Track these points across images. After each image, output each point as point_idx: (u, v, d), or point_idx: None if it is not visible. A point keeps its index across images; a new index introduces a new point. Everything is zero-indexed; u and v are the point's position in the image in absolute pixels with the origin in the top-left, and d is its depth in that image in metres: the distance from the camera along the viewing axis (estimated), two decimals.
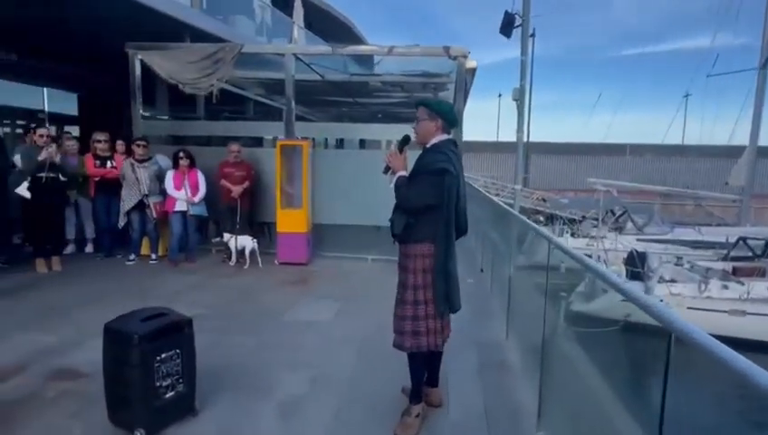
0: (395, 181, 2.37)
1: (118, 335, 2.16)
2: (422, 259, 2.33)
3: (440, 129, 2.39)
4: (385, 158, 2.46)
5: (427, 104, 2.42)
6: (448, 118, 2.41)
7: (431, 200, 2.26)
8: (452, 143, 2.43)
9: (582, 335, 3.66)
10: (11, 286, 4.60)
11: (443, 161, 2.27)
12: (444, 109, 2.42)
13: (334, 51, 5.90)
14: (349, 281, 5.32)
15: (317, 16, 17.05)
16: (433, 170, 2.26)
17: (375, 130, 7.88)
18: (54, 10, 6.52)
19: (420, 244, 2.33)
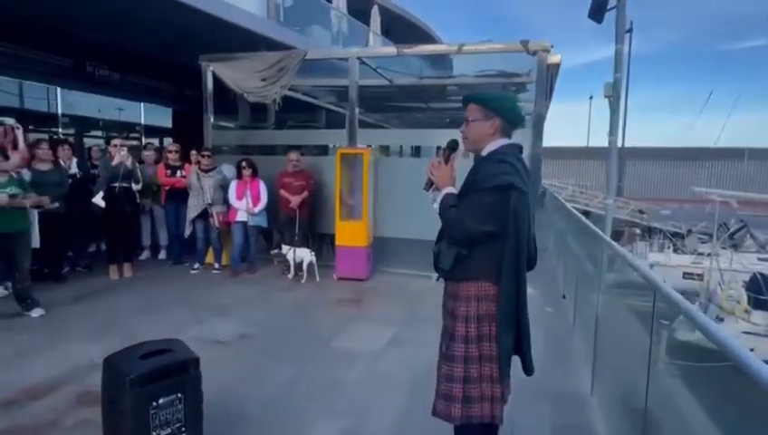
0: (440, 201, 1.83)
1: (113, 374, 1.89)
2: (478, 303, 1.78)
3: (498, 131, 1.82)
4: (427, 169, 1.92)
5: (480, 100, 1.85)
6: (510, 116, 1.84)
7: (492, 226, 1.71)
8: (517, 149, 1.87)
9: (697, 377, 2.85)
10: (81, 293, 4.77)
11: (507, 173, 1.71)
12: (505, 105, 1.84)
13: (399, 52, 5.49)
14: (408, 302, 4.83)
15: (394, 23, 16.92)
16: (495, 186, 1.70)
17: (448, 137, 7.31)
18: (148, 31, 7.01)
19: (476, 282, 1.78)
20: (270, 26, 8.29)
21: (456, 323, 1.81)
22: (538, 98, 5.26)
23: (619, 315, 2.94)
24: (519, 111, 1.89)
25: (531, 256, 1.87)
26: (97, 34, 7.75)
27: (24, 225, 3.99)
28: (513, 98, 1.94)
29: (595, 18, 5.27)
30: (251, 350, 3.49)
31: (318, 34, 11.56)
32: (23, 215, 3.98)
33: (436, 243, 1.91)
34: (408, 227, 5.79)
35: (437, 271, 1.90)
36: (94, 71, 8.83)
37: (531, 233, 1.84)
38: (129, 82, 9.58)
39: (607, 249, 3.05)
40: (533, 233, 1.88)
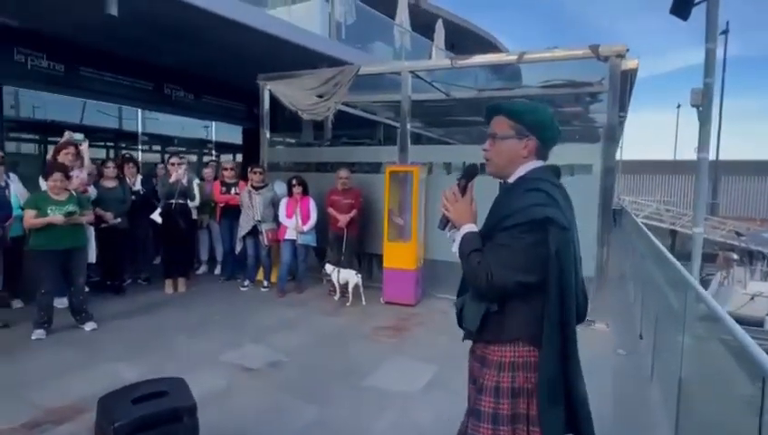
0: (459, 242, 1.46)
1: (102, 419, 1.75)
2: (513, 373, 1.39)
3: (533, 153, 1.46)
4: (440, 202, 1.56)
5: (513, 112, 1.47)
6: (548, 136, 1.47)
7: (529, 276, 1.33)
8: (553, 173, 1.50)
9: None
10: (135, 306, 4.91)
11: (542, 205, 1.34)
12: (543, 120, 1.46)
13: (454, 63, 5.16)
14: (456, 335, 4.36)
15: (459, 36, 16.60)
16: (528, 223, 1.32)
17: None
18: (217, 54, 7.39)
19: (512, 345, 1.40)
20: (331, 45, 8.38)
21: (484, 397, 1.42)
22: (611, 107, 4.67)
23: (712, 365, 2.37)
24: (558, 129, 1.50)
25: (579, 306, 1.47)
26: (174, 61, 8.30)
27: (80, 241, 4.16)
28: (550, 112, 1.51)
29: (679, 14, 4.58)
30: (277, 382, 3.29)
31: (380, 51, 11.57)
32: (80, 231, 4.15)
33: (458, 295, 1.55)
34: None
35: (461, 328, 1.54)
36: (171, 93, 9.48)
37: (578, 277, 1.46)
38: (203, 102, 10.17)
39: (690, 291, 2.49)
40: (581, 277, 1.50)
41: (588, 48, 4.54)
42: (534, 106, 1.50)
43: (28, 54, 7.14)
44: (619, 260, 8.66)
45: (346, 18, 10.35)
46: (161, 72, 8.90)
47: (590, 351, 4.04)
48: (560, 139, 1.53)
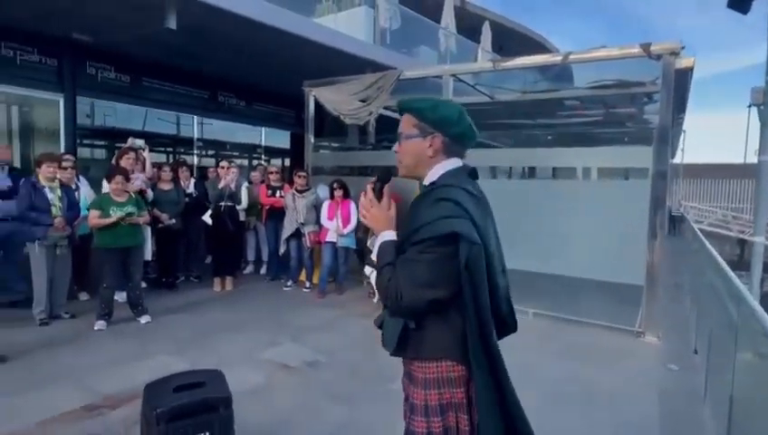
0: (376, 252, 1.36)
1: (147, 404, 1.88)
2: (438, 389, 1.32)
3: (441, 152, 1.38)
4: (360, 209, 1.50)
5: (413, 109, 1.41)
6: (456, 132, 1.39)
7: (438, 292, 1.24)
8: (466, 174, 1.40)
9: None
10: (186, 302, 5.21)
11: (449, 216, 1.24)
12: (447, 115, 1.38)
13: (496, 66, 5.09)
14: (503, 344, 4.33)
15: (507, 38, 16.29)
16: (434, 238, 1.23)
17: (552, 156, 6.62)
18: (266, 63, 7.74)
19: (434, 362, 1.32)
20: (375, 50, 8.52)
21: (416, 417, 1.34)
22: (664, 108, 4.43)
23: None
24: (468, 125, 1.40)
25: (503, 315, 1.42)
26: (227, 70, 8.76)
27: (138, 240, 4.48)
28: (457, 107, 1.41)
29: (738, 8, 4.26)
30: (313, 381, 3.38)
31: (424, 55, 11.58)
32: (137, 231, 4.47)
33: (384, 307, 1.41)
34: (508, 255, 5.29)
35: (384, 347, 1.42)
36: (225, 100, 9.99)
37: (499, 287, 1.38)
38: (254, 108, 10.64)
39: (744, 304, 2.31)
40: (505, 285, 1.43)
41: (639, 46, 4.33)
42: (437, 102, 1.41)
43: (98, 67, 7.78)
44: (676, 269, 8.14)
45: (391, 23, 10.46)
46: (216, 81, 9.41)
47: (638, 364, 3.88)
48: (475, 136, 1.43)
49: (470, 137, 1.42)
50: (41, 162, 4.54)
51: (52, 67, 7.21)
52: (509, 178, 12.34)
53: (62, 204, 4.36)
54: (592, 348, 4.24)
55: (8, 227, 4.49)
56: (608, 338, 4.48)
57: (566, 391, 3.34)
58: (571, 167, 10.27)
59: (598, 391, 3.34)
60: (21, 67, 6.86)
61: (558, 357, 3.97)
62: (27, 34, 6.75)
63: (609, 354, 4.09)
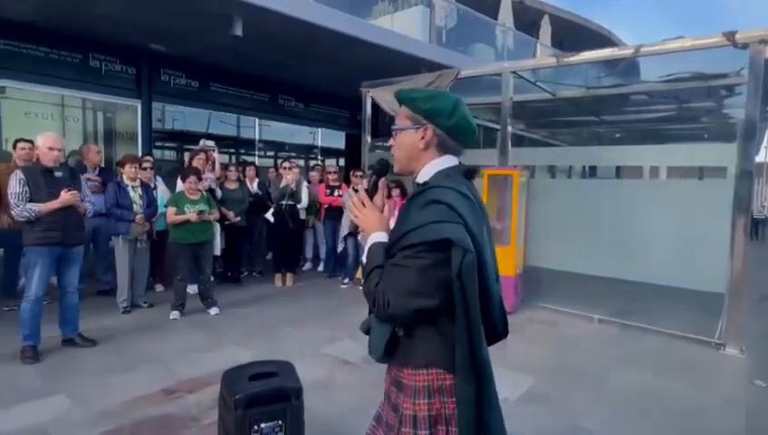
0: (365, 254, 1.29)
1: (225, 390, 1.99)
2: (428, 398, 1.24)
3: (434, 146, 1.29)
4: (350, 208, 1.40)
5: (405, 99, 1.31)
6: (451, 125, 1.27)
7: (427, 300, 1.16)
8: (459, 174, 1.29)
9: None
10: (250, 296, 5.46)
11: (443, 221, 1.15)
12: (437, 105, 1.27)
13: (560, 61, 4.90)
14: (557, 347, 4.19)
15: (568, 32, 15.66)
16: (425, 244, 1.15)
17: (617, 154, 6.26)
18: (325, 65, 7.95)
19: (424, 369, 1.24)
20: (431, 50, 8.50)
21: (404, 428, 1.26)
22: (751, 101, 4.07)
23: None
24: (466, 117, 1.29)
25: (496, 322, 1.32)
26: (287, 74, 9.09)
27: (209, 236, 4.75)
28: (453, 99, 1.30)
29: None
30: (371, 377, 3.42)
31: (480, 52, 11.39)
32: (208, 227, 4.75)
33: (369, 313, 1.33)
34: (566, 257, 5.13)
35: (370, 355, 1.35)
36: (284, 103, 10.38)
37: (494, 296, 1.28)
38: (311, 110, 10.97)
39: None
40: (498, 293, 1.32)
41: (722, 36, 4.01)
42: (433, 93, 1.32)
43: (171, 74, 8.34)
44: (759, 278, 7.46)
45: (447, 22, 10.39)
46: (276, 85, 9.79)
47: (718, 377, 3.61)
48: (473, 131, 1.31)
49: (466, 130, 1.30)
50: (124, 163, 4.95)
51: (131, 75, 7.82)
52: (568, 177, 11.87)
53: (142, 202, 4.72)
54: (664, 357, 3.99)
55: (96, 223, 4.91)
56: (682, 348, 4.19)
57: (637, 401, 3.17)
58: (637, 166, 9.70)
59: (673, 404, 3.14)
60: (105, 76, 7.50)
61: (626, 365, 3.77)
62: (111, 46, 7.36)
63: (683, 365, 3.83)
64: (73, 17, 6.22)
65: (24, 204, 3.38)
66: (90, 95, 7.46)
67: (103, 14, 5.98)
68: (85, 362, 3.49)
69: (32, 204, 3.39)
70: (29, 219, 3.41)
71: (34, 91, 6.86)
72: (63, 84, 7.05)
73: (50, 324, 3.66)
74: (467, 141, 1.32)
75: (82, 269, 3.88)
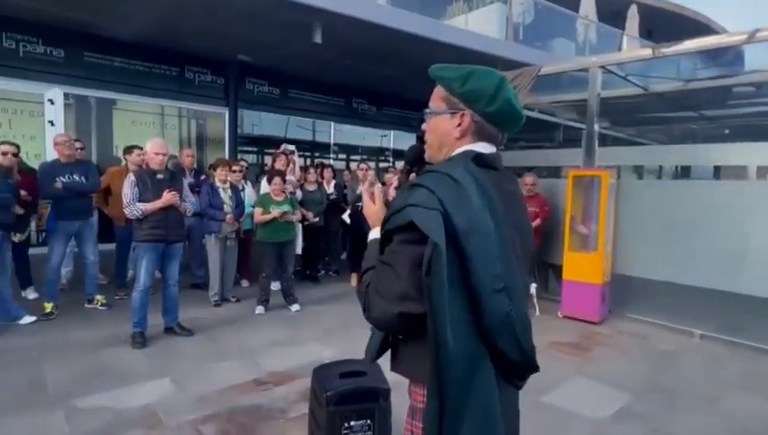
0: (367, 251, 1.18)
1: (316, 386, 2.05)
2: (416, 416, 1.12)
3: (468, 132, 1.11)
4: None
5: (440, 78, 1.15)
6: (490, 109, 1.09)
7: (411, 305, 0.99)
8: (469, 159, 1.07)
9: None
10: (327, 295, 5.62)
11: (417, 204, 0.97)
12: (477, 87, 1.08)
13: (656, 53, 4.51)
14: (652, 362, 3.85)
15: (659, 21, 14.49)
16: (398, 231, 1.01)
17: (716, 152, 5.62)
18: (399, 69, 8.04)
19: (415, 385, 1.12)
20: (507, 47, 8.26)
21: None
22: None
23: None
24: (510, 101, 1.09)
25: (503, 353, 1.01)
26: (361, 78, 9.29)
27: (291, 235, 4.97)
28: (497, 77, 1.10)
29: None
30: None
31: (560, 48, 10.88)
32: (291, 227, 4.96)
33: None
34: (660, 265, 4.71)
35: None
36: (358, 107, 10.62)
37: (496, 312, 0.97)
38: (384, 113, 11.14)
39: None
40: (507, 311, 0.98)
41: None
42: (471, 70, 1.11)
43: (255, 83, 8.86)
44: None
45: (524, 18, 10.02)
46: (350, 89, 10.05)
47: None
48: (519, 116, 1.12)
49: (511, 116, 1.11)
50: (216, 166, 5.31)
51: (220, 85, 8.42)
52: (658, 177, 10.94)
53: (231, 202, 5.04)
54: None
55: (190, 221, 5.32)
56: None
57: (748, 429, 2.82)
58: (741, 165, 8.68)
59: None
60: (198, 87, 8.14)
61: (737, 389, 3.37)
62: (203, 59, 7.98)
63: None
64: (171, 33, 6.82)
65: (134, 204, 3.74)
66: (185, 104, 8.14)
67: (197, 29, 6.49)
68: (184, 349, 3.80)
69: (140, 203, 3.75)
70: (138, 218, 3.77)
71: (139, 102, 7.61)
72: (163, 95, 7.76)
73: (155, 313, 4.02)
74: (511, 129, 1.15)
75: (180, 264, 4.21)
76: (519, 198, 1.20)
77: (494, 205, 0.99)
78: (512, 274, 0.98)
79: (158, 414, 2.74)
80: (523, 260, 1.07)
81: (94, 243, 4.70)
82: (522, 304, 1.02)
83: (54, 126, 6.72)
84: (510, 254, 0.99)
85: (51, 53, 6.71)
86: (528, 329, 1.03)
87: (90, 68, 7.01)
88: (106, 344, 3.79)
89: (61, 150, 4.43)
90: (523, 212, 1.18)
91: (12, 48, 6.42)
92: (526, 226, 1.17)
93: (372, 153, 11.61)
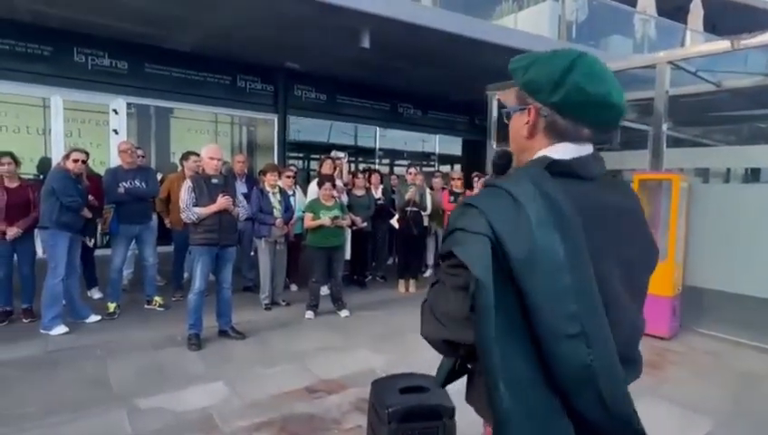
0: None
1: (376, 400, 1.96)
2: None
3: (537, 129, 0.94)
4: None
5: (511, 70, 0.98)
6: (555, 98, 0.89)
7: (458, 333, 0.86)
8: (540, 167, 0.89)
9: None
10: (375, 300, 5.55)
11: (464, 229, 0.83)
12: (539, 73, 0.91)
13: (735, 45, 4.13)
14: (733, 385, 3.48)
15: (725, 14, 13.51)
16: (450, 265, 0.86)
17: None
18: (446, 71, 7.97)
19: (490, 425, 0.91)
20: (557, 46, 7.93)
21: None
22: None
23: None
24: (579, 85, 0.87)
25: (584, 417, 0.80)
26: (407, 82, 9.23)
27: (341, 240, 4.94)
28: (569, 59, 0.90)
29: None
30: None
31: (616, 45, 10.37)
32: (341, 233, 4.94)
33: None
34: (737, 277, 4.30)
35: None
36: (403, 111, 10.57)
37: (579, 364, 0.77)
38: (429, 117, 11.02)
39: None
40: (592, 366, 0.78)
41: None
42: (538, 56, 0.94)
43: (303, 89, 8.99)
44: None
45: (577, 15, 9.62)
46: (396, 93, 10.00)
47: None
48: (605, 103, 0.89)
49: (587, 104, 0.89)
50: (266, 171, 5.38)
51: (269, 92, 8.60)
52: (726, 181, 10.16)
53: (281, 207, 5.08)
54: None
55: (241, 225, 5.42)
56: None
57: None
58: None
59: None
60: (249, 94, 8.35)
61: None
62: (253, 67, 8.18)
63: None
64: (225, 43, 7.03)
65: (190, 208, 3.83)
66: (237, 112, 8.37)
67: (249, 37, 6.65)
68: (237, 352, 3.83)
69: (196, 208, 3.83)
70: (193, 222, 3.85)
71: (195, 110, 7.90)
72: (217, 103, 8.00)
73: (209, 315, 4.09)
74: (601, 121, 0.92)
75: (233, 267, 4.27)
76: (628, 216, 0.96)
77: (569, 228, 0.80)
78: (594, 315, 0.79)
79: (215, 419, 2.74)
80: (627, 296, 0.89)
81: (153, 246, 4.87)
82: (612, 354, 0.80)
83: (118, 134, 7.08)
84: (592, 290, 0.80)
85: (116, 65, 7.09)
86: (620, 387, 0.82)
87: (150, 79, 7.34)
88: (164, 345, 3.89)
89: (124, 157, 4.62)
90: (633, 234, 0.95)
91: (82, 62, 6.83)
92: (636, 252, 0.94)
93: (417, 158, 11.50)
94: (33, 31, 6.39)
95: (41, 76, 6.51)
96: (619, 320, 0.84)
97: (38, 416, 2.70)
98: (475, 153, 11.35)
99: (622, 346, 0.83)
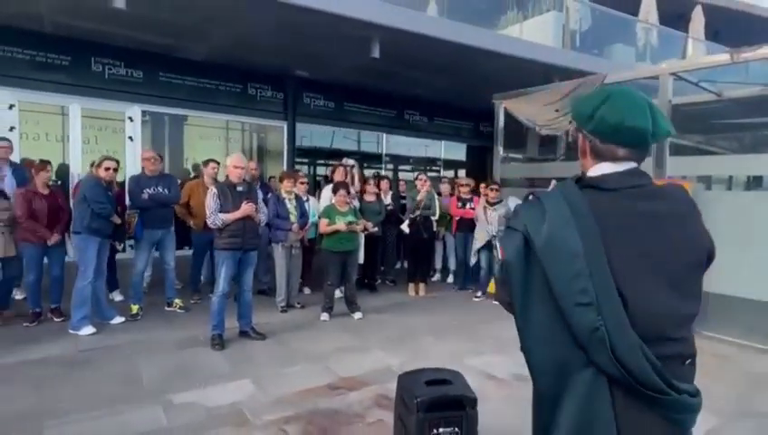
0: None
1: (404, 392, 2.12)
2: None
3: (586, 152, 1.20)
4: None
5: (572, 104, 1.36)
6: (590, 127, 1.17)
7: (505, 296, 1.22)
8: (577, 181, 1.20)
9: None
10: (386, 304, 5.71)
11: (509, 226, 1.22)
12: (580, 107, 1.21)
13: (735, 58, 4.30)
14: (739, 386, 3.62)
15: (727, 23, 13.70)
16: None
17: None
18: (453, 79, 8.14)
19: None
20: (564, 55, 8.13)
21: None
22: None
23: None
24: (604, 118, 1.13)
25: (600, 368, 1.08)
26: (413, 89, 9.43)
27: (355, 245, 5.12)
28: (603, 95, 1.16)
29: None
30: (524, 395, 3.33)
31: (619, 54, 10.57)
32: (354, 237, 5.11)
33: None
34: (742, 281, 4.44)
35: None
36: (410, 118, 10.76)
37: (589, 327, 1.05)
38: (435, 123, 11.21)
39: None
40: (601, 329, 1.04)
41: None
42: (587, 95, 1.23)
43: (312, 97, 9.19)
44: None
45: (581, 25, 9.82)
46: (402, 100, 10.21)
47: None
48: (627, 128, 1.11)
49: (614, 130, 1.12)
50: (282, 178, 5.56)
51: (279, 100, 8.80)
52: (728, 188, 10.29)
53: (296, 212, 5.25)
54: None
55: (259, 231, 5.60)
56: None
57: None
58: None
59: None
60: (259, 102, 8.55)
61: None
62: (264, 75, 8.39)
63: None
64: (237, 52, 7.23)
65: (216, 214, 4.00)
66: (247, 119, 8.57)
67: (261, 46, 6.84)
68: (259, 352, 3.99)
69: (221, 214, 4.00)
70: (219, 227, 4.02)
71: (207, 117, 8.10)
72: (228, 111, 8.21)
73: (229, 317, 4.26)
74: (631, 144, 1.13)
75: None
76: (664, 218, 1.13)
77: (584, 224, 1.07)
78: (605, 290, 1.03)
79: (245, 413, 2.90)
80: (661, 281, 1.08)
81: (173, 250, 5.05)
82: (621, 320, 1.03)
83: (133, 141, 7.29)
84: (604, 272, 1.04)
85: (131, 74, 7.30)
86: (632, 347, 1.02)
87: (164, 87, 7.55)
88: (187, 345, 4.06)
89: (147, 165, 4.81)
90: (667, 232, 1.12)
91: (99, 71, 7.04)
92: (668, 247, 1.11)
93: (422, 163, 11.69)
94: (53, 41, 6.60)
95: (60, 85, 6.72)
96: (641, 298, 1.05)
97: (80, 410, 2.86)
98: (480, 159, 11.54)
99: (654, 323, 1.06)
